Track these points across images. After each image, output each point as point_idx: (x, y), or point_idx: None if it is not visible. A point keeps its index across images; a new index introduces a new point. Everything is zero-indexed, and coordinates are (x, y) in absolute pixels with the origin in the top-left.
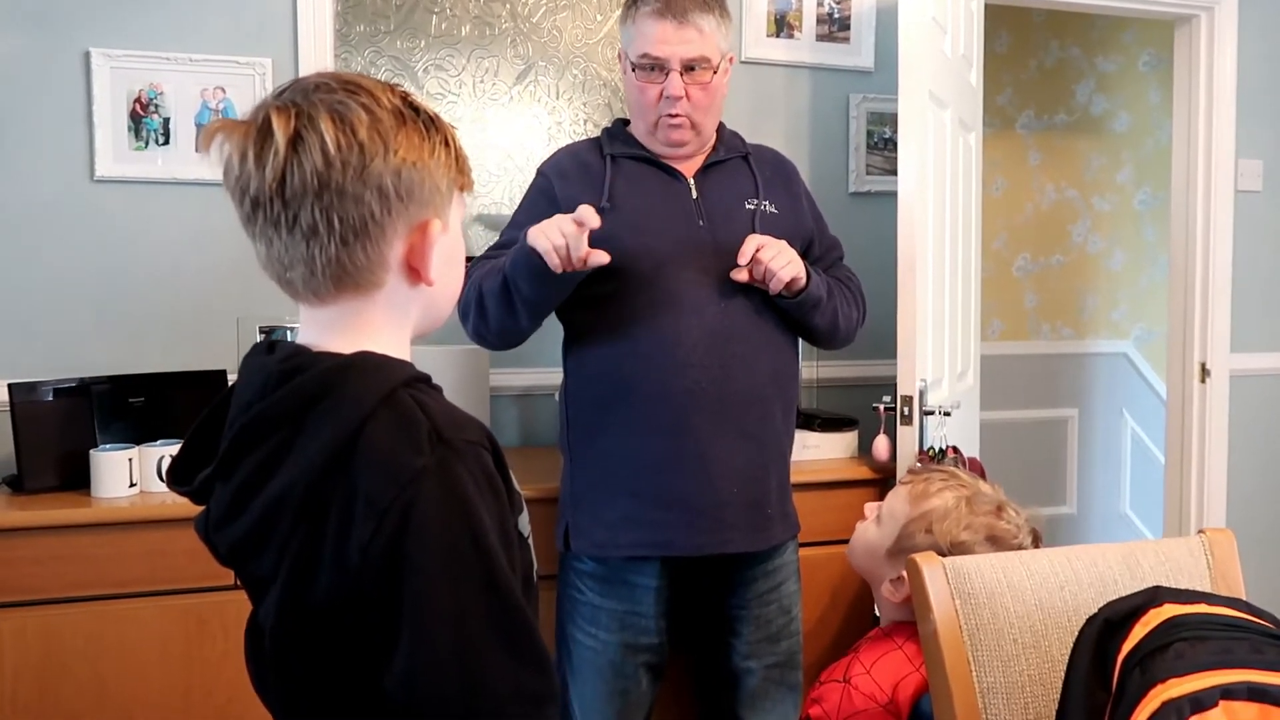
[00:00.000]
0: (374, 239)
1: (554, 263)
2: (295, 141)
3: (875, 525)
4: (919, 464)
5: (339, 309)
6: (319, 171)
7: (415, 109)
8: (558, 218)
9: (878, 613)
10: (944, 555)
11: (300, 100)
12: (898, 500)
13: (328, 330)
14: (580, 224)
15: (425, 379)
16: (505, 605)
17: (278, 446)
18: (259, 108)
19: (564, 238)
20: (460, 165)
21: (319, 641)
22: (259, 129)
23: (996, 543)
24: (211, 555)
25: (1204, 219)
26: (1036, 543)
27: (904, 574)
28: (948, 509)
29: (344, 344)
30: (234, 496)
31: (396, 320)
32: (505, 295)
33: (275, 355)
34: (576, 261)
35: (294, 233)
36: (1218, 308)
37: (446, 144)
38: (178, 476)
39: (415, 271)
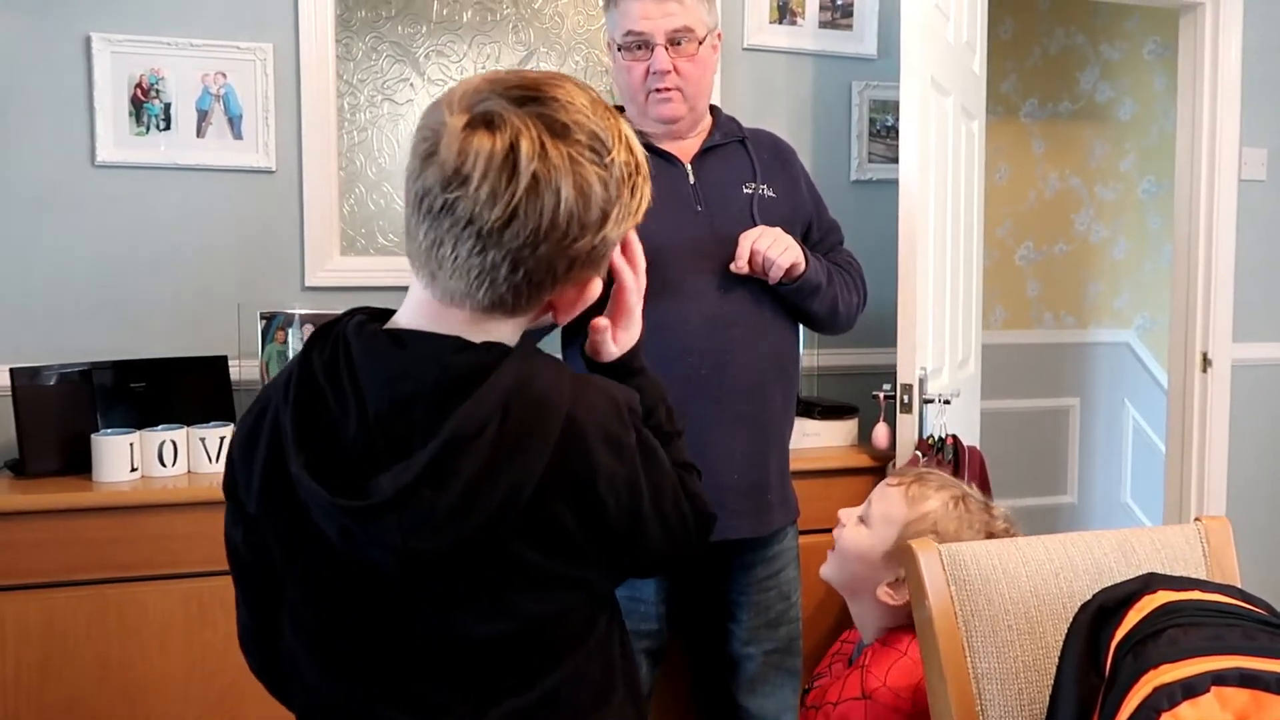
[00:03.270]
0: (542, 290)
1: None
2: (530, 191)
3: (864, 530)
4: (892, 466)
5: (474, 317)
6: (536, 231)
7: (637, 166)
8: None
9: (859, 628)
10: None
11: (548, 143)
12: (891, 503)
13: (457, 329)
14: None
15: None
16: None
17: (492, 445)
18: (504, 119)
19: None
20: (639, 213)
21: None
22: (505, 160)
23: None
24: (355, 555)
25: (1207, 208)
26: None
27: (904, 575)
28: (948, 509)
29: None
30: (458, 503)
31: (515, 334)
32: None
33: (439, 347)
34: None
35: (477, 258)
36: (1220, 297)
37: (640, 197)
38: (341, 490)
39: (556, 312)
